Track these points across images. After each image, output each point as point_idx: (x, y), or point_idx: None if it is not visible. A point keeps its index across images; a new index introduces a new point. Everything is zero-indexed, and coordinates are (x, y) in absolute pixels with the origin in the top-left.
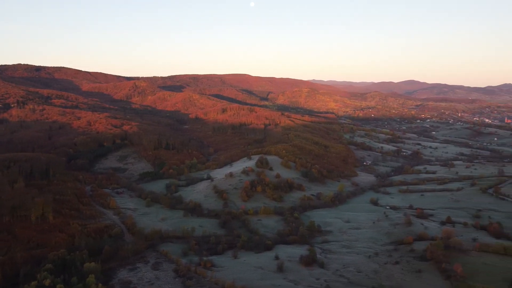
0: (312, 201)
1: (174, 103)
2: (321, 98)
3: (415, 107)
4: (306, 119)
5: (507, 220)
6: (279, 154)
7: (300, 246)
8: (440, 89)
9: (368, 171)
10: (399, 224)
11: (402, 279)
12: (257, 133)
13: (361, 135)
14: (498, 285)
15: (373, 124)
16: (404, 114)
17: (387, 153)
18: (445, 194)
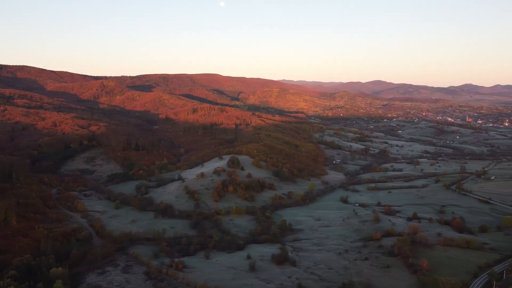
0: (283, 200)
1: (144, 103)
2: (291, 98)
3: (382, 106)
4: (276, 118)
5: (469, 215)
6: (250, 154)
7: (272, 245)
8: (406, 89)
9: (337, 169)
10: (368, 221)
11: (371, 275)
12: (228, 133)
13: (331, 134)
14: (462, 277)
15: (342, 123)
16: (371, 114)
17: (356, 151)
18: (411, 191)
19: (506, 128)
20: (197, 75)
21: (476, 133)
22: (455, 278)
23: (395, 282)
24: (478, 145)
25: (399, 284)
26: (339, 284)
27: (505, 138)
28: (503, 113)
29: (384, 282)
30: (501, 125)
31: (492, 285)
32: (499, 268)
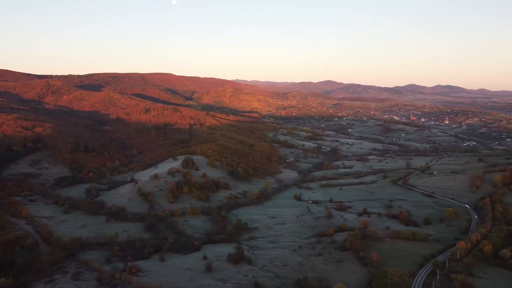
0: (238, 199)
1: (93, 103)
2: (245, 97)
3: (332, 106)
4: (231, 118)
5: (414, 208)
6: (205, 153)
7: (228, 244)
8: (355, 89)
9: (291, 168)
10: (321, 217)
11: (325, 269)
12: (182, 133)
13: (284, 133)
14: (409, 268)
15: (294, 122)
16: (323, 113)
17: (308, 150)
18: (361, 187)
19: (446, 126)
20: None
21: (420, 131)
22: (403, 268)
23: (347, 275)
24: (421, 142)
25: (351, 277)
26: (294, 280)
27: (446, 135)
28: (444, 111)
29: (337, 276)
30: (441, 123)
31: (436, 274)
32: (442, 257)
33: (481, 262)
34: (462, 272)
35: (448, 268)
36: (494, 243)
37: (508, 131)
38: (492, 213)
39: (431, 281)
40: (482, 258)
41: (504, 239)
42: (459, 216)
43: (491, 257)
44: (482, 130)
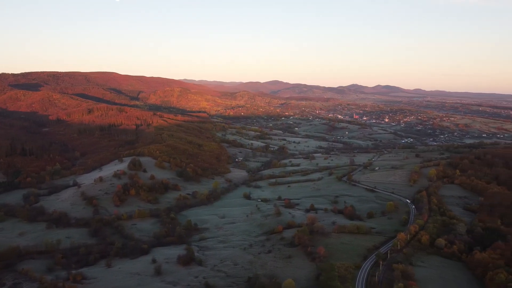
0: (188, 200)
1: (30, 104)
2: (193, 97)
3: (280, 105)
4: (179, 118)
5: (358, 203)
6: (152, 154)
7: (177, 246)
8: (301, 89)
9: (240, 167)
10: (270, 215)
11: (275, 266)
12: (128, 134)
13: (233, 133)
14: (354, 260)
15: (243, 122)
16: (270, 112)
17: (257, 149)
18: (308, 184)
19: (386, 124)
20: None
21: (362, 129)
22: (349, 261)
23: (296, 270)
24: (364, 140)
25: (300, 272)
26: (244, 278)
27: (386, 133)
28: (384, 110)
29: (287, 272)
30: (382, 121)
31: (379, 265)
32: (384, 249)
33: (419, 251)
34: (403, 261)
35: (390, 259)
36: (430, 233)
37: (441, 128)
38: (428, 205)
39: (375, 272)
40: (420, 248)
41: (439, 229)
42: (399, 209)
43: (428, 246)
44: (418, 127)
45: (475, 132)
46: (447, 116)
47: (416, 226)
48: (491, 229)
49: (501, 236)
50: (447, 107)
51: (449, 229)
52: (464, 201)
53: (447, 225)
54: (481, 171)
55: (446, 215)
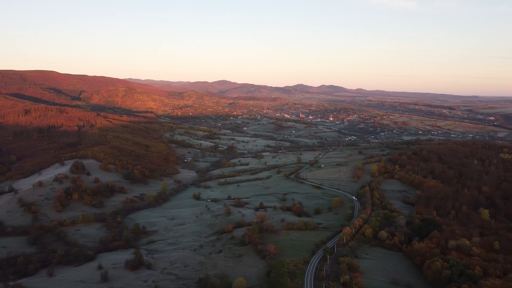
0: (135, 202)
1: None
2: (139, 97)
3: (228, 105)
4: (124, 119)
5: (306, 200)
6: (97, 157)
7: (125, 250)
8: (249, 89)
9: (189, 167)
10: (220, 215)
11: (226, 266)
12: (70, 136)
13: (181, 133)
14: (303, 256)
15: (191, 122)
16: (219, 112)
17: (206, 149)
18: (257, 183)
19: (331, 122)
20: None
21: (308, 128)
22: (298, 257)
23: (247, 269)
24: (310, 138)
25: (251, 270)
26: (195, 280)
27: (331, 131)
28: (328, 109)
29: (237, 271)
30: (327, 120)
31: (327, 259)
32: (331, 243)
33: (363, 244)
34: (348, 255)
35: (336, 253)
36: (373, 226)
37: (381, 126)
38: (371, 199)
39: (323, 266)
40: (365, 241)
41: (381, 222)
42: (344, 205)
43: (372, 239)
44: (360, 125)
45: (412, 129)
46: (386, 115)
47: (360, 220)
48: (428, 220)
49: (437, 226)
50: (387, 106)
51: (390, 222)
52: (403, 194)
53: (389, 218)
54: (418, 166)
55: (388, 209)
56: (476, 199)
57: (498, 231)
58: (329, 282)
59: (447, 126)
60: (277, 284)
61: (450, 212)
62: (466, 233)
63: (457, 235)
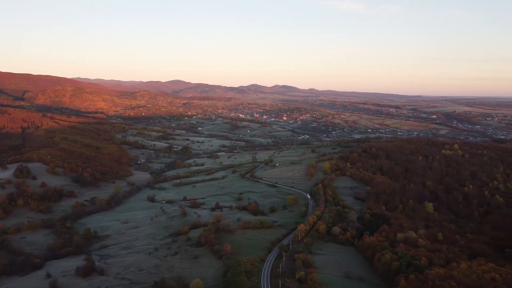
0: (86, 207)
1: None
2: (88, 97)
3: (182, 105)
4: (73, 120)
5: (261, 199)
6: (43, 160)
7: (75, 257)
8: (203, 89)
9: (143, 169)
10: (176, 216)
11: (182, 268)
12: (13, 139)
13: (134, 134)
14: (259, 254)
15: (144, 122)
16: (173, 112)
17: (160, 150)
18: (213, 183)
19: (284, 122)
20: None
21: (263, 127)
22: (254, 256)
23: (204, 270)
24: (264, 137)
25: (208, 271)
26: (151, 283)
27: (285, 130)
28: (282, 109)
29: (194, 272)
30: (280, 119)
31: (283, 256)
32: (286, 240)
33: (318, 240)
34: (303, 251)
35: (292, 250)
36: (327, 222)
37: (333, 125)
38: (324, 196)
39: (279, 264)
40: (319, 237)
41: (334, 218)
42: (299, 202)
43: (325, 235)
44: (313, 124)
45: (361, 128)
46: (338, 114)
47: (314, 217)
48: (378, 215)
49: (386, 220)
50: (338, 106)
51: (342, 218)
52: (354, 191)
53: (341, 214)
54: (368, 163)
55: (340, 205)
56: (421, 193)
57: (441, 223)
58: (285, 279)
59: (394, 125)
60: (234, 284)
61: (398, 206)
62: (413, 226)
63: (405, 228)
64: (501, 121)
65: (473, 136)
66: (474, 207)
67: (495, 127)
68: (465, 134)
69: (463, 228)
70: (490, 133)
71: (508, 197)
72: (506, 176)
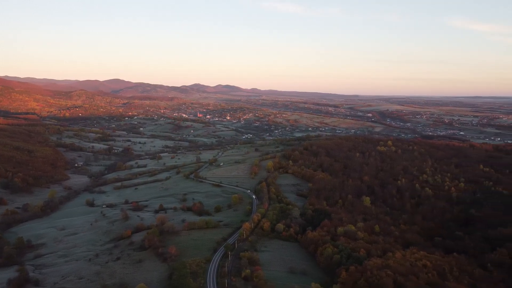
0: (17, 214)
1: None
2: (18, 97)
3: (122, 105)
4: (1, 121)
5: (206, 199)
6: None
7: (7, 268)
8: (144, 88)
9: (80, 172)
10: (117, 220)
11: (125, 273)
12: None
13: (70, 135)
14: (204, 255)
15: (81, 123)
16: (112, 112)
17: (99, 151)
18: (156, 185)
19: (228, 121)
20: None
21: (206, 127)
22: (199, 256)
23: (148, 274)
24: (208, 137)
25: (152, 274)
26: None
27: (228, 130)
28: (225, 108)
29: (137, 277)
30: (224, 119)
31: (228, 255)
32: (231, 239)
33: (262, 238)
34: (249, 249)
35: (237, 248)
36: (271, 219)
37: (275, 124)
38: (268, 194)
39: (224, 263)
40: (263, 234)
41: (278, 215)
42: (243, 201)
43: (270, 232)
44: (256, 124)
45: (302, 126)
46: (280, 113)
47: (259, 215)
48: (319, 210)
49: (327, 215)
50: (280, 105)
51: (286, 215)
52: (297, 188)
53: (284, 211)
54: (309, 160)
55: (283, 202)
56: (359, 188)
57: (377, 216)
58: (231, 278)
59: (333, 123)
60: (179, 286)
61: (338, 201)
62: (352, 220)
63: (345, 222)
64: (429, 119)
65: (404, 133)
66: (406, 199)
67: (423, 124)
68: (398, 131)
69: (397, 220)
70: (419, 130)
71: (436, 189)
72: (434, 169)
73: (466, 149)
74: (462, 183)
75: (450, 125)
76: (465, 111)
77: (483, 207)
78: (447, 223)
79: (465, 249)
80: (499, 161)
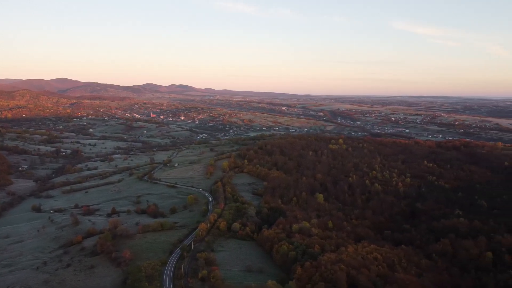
0: None
1: None
2: None
3: (70, 105)
4: None
5: (161, 200)
6: None
7: None
8: (93, 88)
9: (25, 176)
10: (67, 226)
11: (76, 280)
12: None
13: (13, 138)
14: (160, 257)
15: (25, 125)
16: (59, 113)
17: (46, 154)
18: (108, 187)
19: (182, 121)
20: None
21: (160, 127)
22: (155, 259)
23: (101, 280)
24: (162, 138)
25: (106, 280)
26: None
27: (182, 130)
28: (179, 108)
29: (90, 284)
30: (178, 119)
31: (185, 257)
32: (188, 241)
33: (219, 237)
34: (205, 250)
35: (194, 249)
36: (227, 219)
37: (230, 123)
38: (223, 194)
39: (181, 265)
40: (220, 234)
41: (234, 214)
42: (199, 201)
43: (226, 231)
44: (211, 123)
45: (257, 126)
46: (234, 113)
47: (215, 215)
48: (274, 209)
49: (282, 213)
50: (234, 105)
51: (242, 214)
52: (252, 187)
53: (240, 210)
54: (264, 159)
55: (239, 201)
56: (312, 185)
57: (330, 212)
58: (187, 279)
59: (286, 122)
60: None
61: (292, 199)
62: (306, 217)
63: (299, 219)
64: (377, 117)
65: (354, 131)
66: (357, 195)
67: (372, 123)
68: (348, 130)
69: (349, 215)
70: (368, 128)
71: (385, 185)
72: (383, 166)
73: (411, 146)
74: (408, 178)
75: (397, 123)
76: (410, 110)
77: (427, 200)
78: (395, 216)
79: (412, 241)
80: (441, 157)
